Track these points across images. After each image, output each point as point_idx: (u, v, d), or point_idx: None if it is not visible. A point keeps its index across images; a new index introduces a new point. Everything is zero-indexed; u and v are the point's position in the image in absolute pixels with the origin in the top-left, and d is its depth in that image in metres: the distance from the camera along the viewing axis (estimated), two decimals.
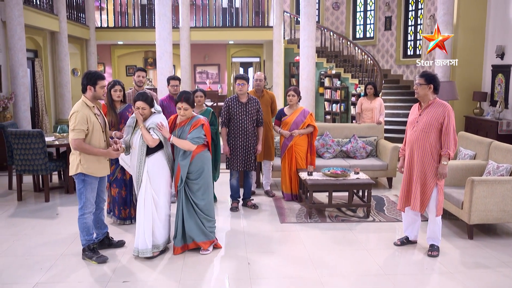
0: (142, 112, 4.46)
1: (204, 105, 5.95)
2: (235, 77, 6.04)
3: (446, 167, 4.53)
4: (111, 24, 15.78)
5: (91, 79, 4.34)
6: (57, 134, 7.17)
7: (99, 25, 15.62)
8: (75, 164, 4.33)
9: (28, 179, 7.37)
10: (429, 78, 4.56)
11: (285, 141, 6.42)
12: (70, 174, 4.43)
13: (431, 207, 4.65)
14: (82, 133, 4.24)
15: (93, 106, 4.40)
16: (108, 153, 4.38)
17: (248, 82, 6.01)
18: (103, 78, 4.43)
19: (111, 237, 4.86)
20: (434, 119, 4.54)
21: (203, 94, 5.86)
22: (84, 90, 4.39)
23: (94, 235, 4.61)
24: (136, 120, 4.54)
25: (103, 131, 4.45)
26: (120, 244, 4.86)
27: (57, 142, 6.83)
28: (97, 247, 4.59)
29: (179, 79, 6.35)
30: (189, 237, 4.67)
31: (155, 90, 11.22)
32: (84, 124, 4.24)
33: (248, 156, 6.03)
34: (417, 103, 4.80)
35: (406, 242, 4.96)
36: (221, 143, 6.09)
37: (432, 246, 4.74)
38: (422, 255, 4.70)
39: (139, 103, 4.45)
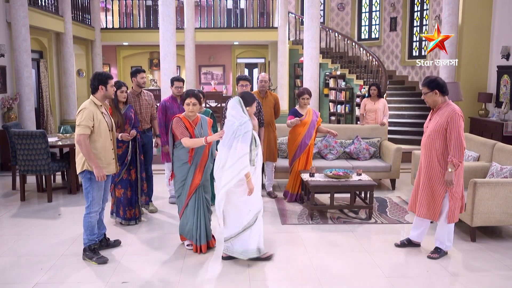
0: None
1: (203, 106, 6.01)
2: (237, 78, 6.03)
3: (451, 175, 4.40)
4: (116, 25, 15.83)
5: (102, 79, 4.44)
6: (61, 134, 7.21)
7: (104, 26, 15.67)
8: (82, 161, 4.39)
9: (31, 179, 7.40)
10: (431, 84, 4.50)
11: (305, 141, 6.36)
12: (77, 173, 4.49)
13: (443, 213, 4.58)
14: (87, 129, 4.29)
15: (101, 105, 4.48)
16: (98, 169, 4.33)
17: (251, 83, 6.02)
18: (112, 77, 4.57)
19: (108, 238, 4.88)
20: (439, 125, 4.45)
21: (202, 96, 5.97)
22: (94, 91, 4.47)
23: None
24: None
25: (109, 130, 4.52)
26: (117, 244, 4.89)
27: (60, 143, 6.86)
28: (98, 247, 4.60)
29: (183, 80, 6.34)
30: (209, 234, 4.79)
31: (159, 90, 11.24)
32: (90, 121, 4.31)
33: None
34: None
35: (406, 244, 4.92)
36: None
37: (436, 248, 4.70)
38: (424, 257, 4.66)
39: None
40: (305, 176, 6.07)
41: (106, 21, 15.87)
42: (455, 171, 4.41)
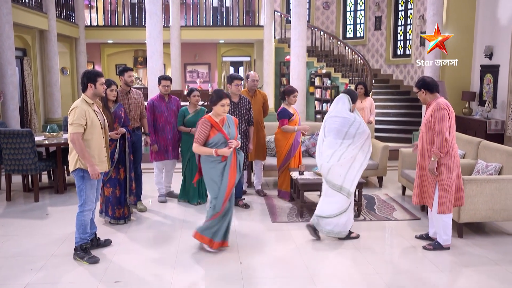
0: None
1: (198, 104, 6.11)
2: (231, 77, 5.92)
3: (433, 164, 4.63)
4: (101, 23, 15.69)
5: (90, 77, 4.43)
6: (47, 133, 7.11)
7: (89, 24, 15.51)
8: (74, 160, 4.37)
9: (17, 179, 7.29)
10: (419, 85, 4.81)
11: (297, 139, 6.42)
12: (70, 171, 4.48)
13: (434, 206, 4.76)
14: (80, 127, 4.29)
15: (92, 103, 4.47)
16: (92, 167, 4.33)
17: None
18: (102, 75, 4.55)
19: (98, 237, 4.86)
20: (426, 119, 4.71)
21: (199, 94, 6.19)
22: (84, 89, 4.46)
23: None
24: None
25: (102, 128, 4.51)
26: (107, 243, 4.87)
27: (46, 142, 6.77)
28: (89, 247, 4.57)
29: (170, 79, 6.33)
30: (227, 233, 4.76)
31: (145, 89, 11.17)
32: (83, 119, 4.30)
33: None
34: None
35: (425, 237, 5.07)
36: None
37: (433, 240, 4.87)
38: (414, 254, 4.74)
39: None
40: (295, 174, 6.11)
41: (91, 18, 15.71)
42: (445, 161, 4.62)
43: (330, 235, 5.01)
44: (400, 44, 13.74)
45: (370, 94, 10.12)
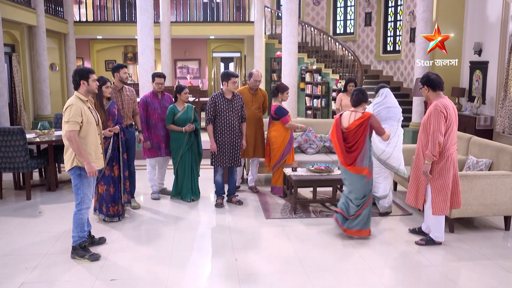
0: None
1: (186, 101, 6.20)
2: (228, 75, 5.90)
3: (426, 166, 4.64)
4: (90, 18, 15.56)
5: (83, 74, 4.42)
6: (38, 131, 7.05)
7: (78, 19, 15.38)
8: (71, 158, 4.36)
9: (8, 177, 7.23)
10: (423, 81, 4.79)
11: (292, 135, 6.52)
12: (66, 169, 4.45)
13: (427, 203, 4.82)
14: (76, 125, 4.28)
15: (86, 100, 4.46)
16: (89, 165, 4.33)
17: None
18: (93, 72, 4.54)
19: (93, 235, 4.85)
20: (424, 119, 4.73)
21: (188, 91, 6.26)
22: (77, 87, 4.45)
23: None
24: None
25: (97, 125, 4.51)
26: (102, 241, 4.86)
27: (38, 139, 6.72)
28: (87, 244, 4.56)
29: (164, 76, 6.31)
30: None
31: (136, 85, 11.11)
32: (79, 117, 4.29)
33: (235, 152, 6.05)
34: None
35: (417, 231, 5.15)
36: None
37: (426, 236, 4.94)
38: (406, 249, 4.80)
39: None
40: (288, 171, 6.13)
41: (80, 14, 15.57)
42: (438, 162, 4.62)
43: (387, 210, 5.79)
44: (390, 40, 13.82)
45: None
